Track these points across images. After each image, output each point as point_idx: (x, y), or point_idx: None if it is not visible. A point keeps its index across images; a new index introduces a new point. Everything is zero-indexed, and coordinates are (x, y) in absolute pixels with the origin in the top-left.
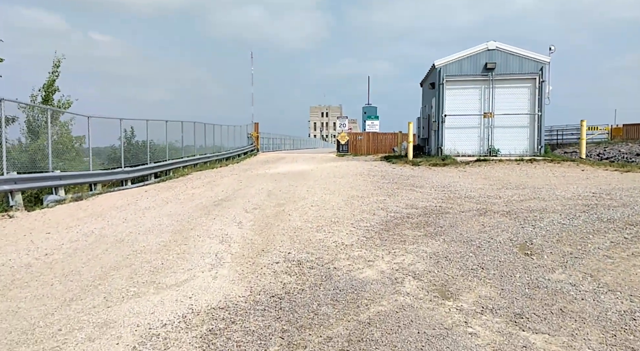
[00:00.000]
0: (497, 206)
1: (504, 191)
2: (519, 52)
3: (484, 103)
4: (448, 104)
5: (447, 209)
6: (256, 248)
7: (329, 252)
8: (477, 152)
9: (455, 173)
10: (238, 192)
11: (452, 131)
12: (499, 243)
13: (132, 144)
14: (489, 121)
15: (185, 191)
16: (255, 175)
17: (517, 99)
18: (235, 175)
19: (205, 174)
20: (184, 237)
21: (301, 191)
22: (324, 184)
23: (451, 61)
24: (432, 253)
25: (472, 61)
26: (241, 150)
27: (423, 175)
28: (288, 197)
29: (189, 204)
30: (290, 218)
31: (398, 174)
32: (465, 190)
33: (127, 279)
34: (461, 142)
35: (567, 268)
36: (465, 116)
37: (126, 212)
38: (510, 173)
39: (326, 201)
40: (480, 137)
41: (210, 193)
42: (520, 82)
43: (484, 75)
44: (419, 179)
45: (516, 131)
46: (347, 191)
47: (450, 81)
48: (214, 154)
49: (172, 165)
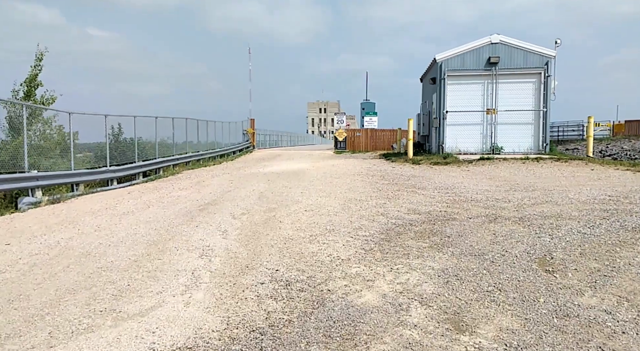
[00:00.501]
0: (508, 211)
1: (512, 194)
2: (524, 46)
3: (486, 99)
4: (449, 100)
5: (453, 214)
6: (240, 263)
7: (323, 269)
8: (480, 150)
9: (458, 173)
10: (227, 194)
11: (453, 128)
12: (514, 257)
13: (120, 141)
14: (492, 117)
15: (171, 192)
16: (248, 174)
17: (521, 94)
18: (227, 174)
19: (197, 173)
20: (159, 250)
21: (295, 193)
22: (319, 185)
23: (453, 55)
24: (441, 270)
25: (474, 55)
26: (236, 147)
27: (424, 175)
28: (281, 200)
29: (172, 208)
30: (281, 225)
31: (398, 174)
32: (471, 192)
33: (83, 307)
34: (463, 140)
35: (597, 289)
36: (468, 113)
37: (102, 218)
38: (517, 173)
39: (321, 205)
40: (482, 134)
41: (197, 195)
42: (524, 77)
43: (487, 70)
44: (420, 179)
45: (520, 128)
46: (344, 193)
47: (452, 75)
48: (207, 152)
49: (162, 163)
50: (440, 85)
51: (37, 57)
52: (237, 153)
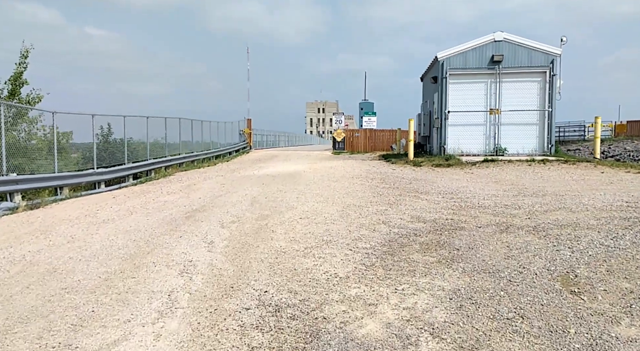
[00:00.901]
0: (520, 219)
1: (522, 199)
2: (528, 44)
3: (490, 98)
4: (451, 100)
5: (461, 223)
6: (224, 282)
7: (318, 290)
8: (483, 152)
9: (461, 176)
10: (218, 199)
11: (455, 129)
12: (534, 275)
13: (110, 142)
14: (495, 117)
15: (158, 197)
16: (242, 177)
17: (525, 94)
18: (220, 176)
19: (189, 175)
20: (135, 265)
21: (290, 198)
22: (316, 189)
23: (455, 53)
24: (452, 291)
25: (477, 53)
26: (232, 147)
27: (427, 178)
28: (274, 206)
29: (156, 215)
30: (273, 235)
31: (399, 176)
32: (477, 197)
33: (33, 342)
34: (465, 141)
35: (634, 316)
36: (470, 113)
37: (78, 226)
38: (523, 176)
39: (318, 211)
40: (485, 135)
41: (185, 201)
42: (529, 75)
43: (491, 68)
44: (422, 183)
45: (524, 128)
46: (343, 198)
47: (454, 74)
48: (201, 153)
49: (153, 165)
50: (442, 84)
51: (22, 55)
52: (233, 154)
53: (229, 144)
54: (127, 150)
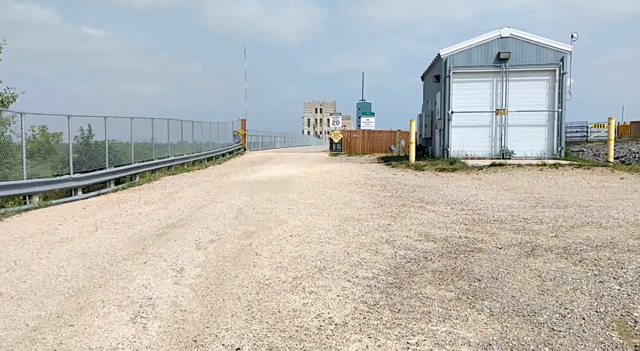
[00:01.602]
0: (545, 238)
1: (541, 211)
2: (537, 40)
3: (496, 98)
4: (455, 100)
5: (477, 242)
6: (187, 333)
7: (307, 345)
8: (489, 154)
9: (469, 182)
10: (199, 211)
11: (459, 130)
12: (581, 319)
13: (90, 145)
14: (501, 118)
15: (133, 208)
16: (231, 183)
17: (534, 93)
18: (208, 182)
19: (176, 180)
20: (78, 306)
21: (281, 210)
22: (310, 198)
23: (459, 50)
24: (482, 347)
25: (482, 50)
26: (226, 149)
27: (431, 184)
28: (262, 220)
29: (124, 232)
30: (257, 260)
31: (401, 182)
32: (491, 209)
33: None
34: (470, 143)
35: None
36: (475, 113)
37: (29, 247)
38: (536, 183)
39: (312, 226)
40: (491, 137)
41: (162, 213)
42: (537, 74)
43: (497, 66)
44: (427, 190)
45: (533, 130)
46: (340, 209)
47: (457, 73)
48: (192, 155)
49: (138, 169)
50: (445, 83)
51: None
52: (226, 156)
53: (223, 145)
54: (108, 153)
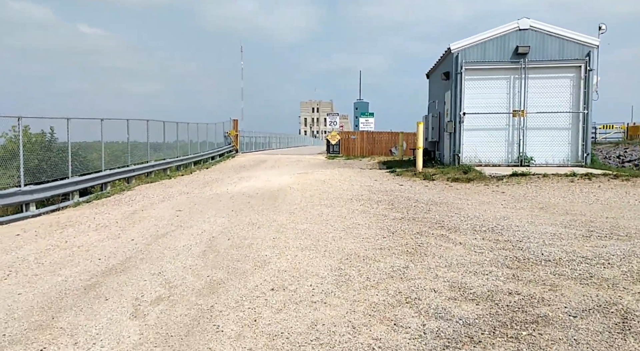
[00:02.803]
0: (630, 295)
1: (600, 244)
2: (560, 33)
3: (513, 98)
4: (468, 99)
5: (537, 302)
6: None
7: None
8: (505, 161)
9: (491, 197)
10: (158, 242)
11: (472, 134)
12: None
13: (52, 150)
14: (519, 120)
15: (77, 236)
16: (210, 197)
17: (556, 92)
18: (185, 194)
19: (150, 191)
20: None
21: (264, 241)
22: (303, 220)
23: (472, 44)
24: None
25: (498, 43)
26: (216, 151)
27: (447, 200)
28: (237, 258)
29: (42, 283)
30: (217, 339)
31: (411, 197)
32: (533, 239)
33: None
34: (484, 148)
35: None
36: (490, 115)
37: None
38: (574, 199)
39: (302, 270)
40: (508, 141)
41: (108, 246)
42: (560, 70)
43: (514, 62)
44: (445, 209)
45: (554, 134)
46: (340, 240)
47: (470, 69)
48: (176, 159)
49: (110, 177)
50: (456, 81)
51: None
52: (216, 159)
53: (212, 147)
54: (73, 160)
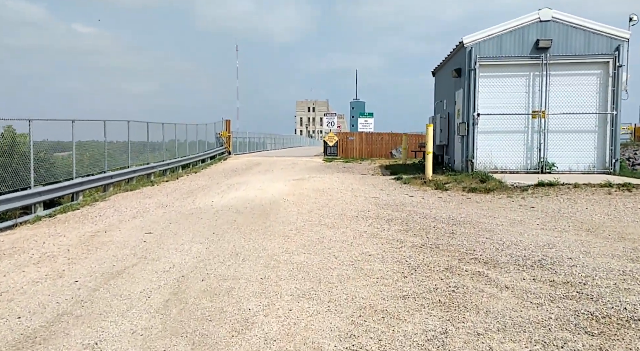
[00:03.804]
0: None
1: None
2: (586, 25)
3: (533, 97)
4: (482, 99)
5: None
6: None
7: None
8: (523, 167)
9: (520, 213)
10: (108, 286)
11: (487, 137)
12: None
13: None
14: (540, 122)
15: (10, 273)
16: (190, 212)
17: (581, 91)
18: (162, 208)
19: (124, 203)
20: None
21: (249, 283)
22: (300, 249)
23: (487, 37)
24: None
25: (516, 36)
26: (206, 154)
27: (470, 218)
28: (209, 316)
29: None
30: None
31: (427, 214)
32: (602, 281)
33: None
34: (500, 153)
35: None
36: (507, 116)
37: None
38: (620, 217)
39: (298, 339)
40: (527, 145)
41: (43, 292)
42: (586, 66)
43: (534, 57)
44: (471, 230)
45: (579, 137)
46: (348, 281)
47: (485, 65)
48: (161, 163)
49: (82, 185)
50: (469, 78)
51: None
52: (207, 161)
53: (203, 149)
54: (35, 167)
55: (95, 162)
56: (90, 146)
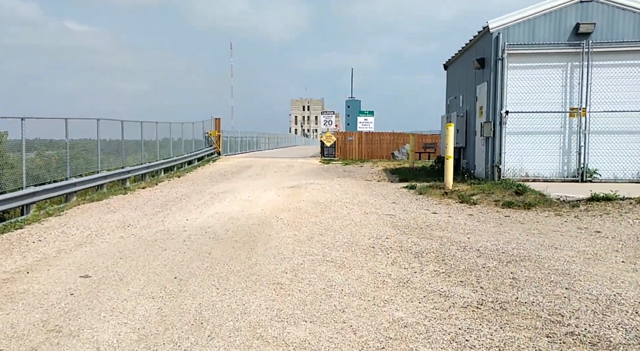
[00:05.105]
0: None
1: None
2: (637, 6)
3: (571, 92)
4: (511, 94)
5: None
6: None
7: None
8: (559, 175)
9: (588, 243)
10: None
11: (517, 139)
12: None
13: None
14: (579, 122)
15: None
16: (154, 238)
17: (630, 85)
18: (120, 230)
19: (79, 221)
20: None
21: None
22: (299, 315)
23: (517, 21)
24: None
25: (552, 20)
26: (193, 155)
27: (526, 250)
28: None
29: None
30: None
31: (467, 244)
32: None
33: None
34: (532, 158)
35: None
36: (540, 114)
37: None
38: None
39: None
40: (563, 149)
41: None
42: (636, 56)
43: (573, 44)
44: (538, 274)
45: (627, 139)
46: None
47: (515, 54)
48: (139, 167)
49: (33, 196)
50: (496, 70)
51: None
52: (193, 163)
53: (190, 150)
54: None
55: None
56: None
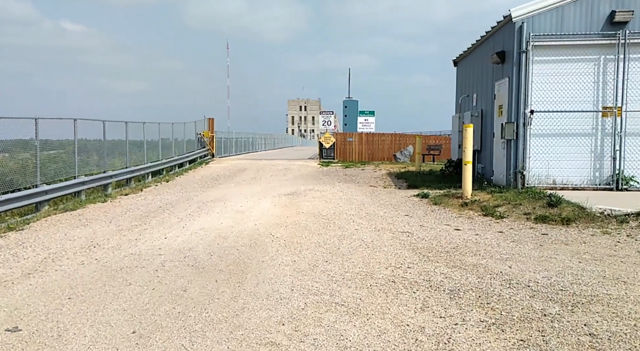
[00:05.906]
0: None
1: None
2: None
3: (604, 89)
4: (536, 91)
5: None
6: None
7: None
8: (590, 182)
9: None
10: None
11: (543, 142)
12: None
13: None
14: (613, 122)
15: None
16: (120, 266)
17: None
18: (85, 252)
19: (41, 238)
20: None
21: None
22: None
23: (543, 9)
24: None
25: (583, 7)
26: (184, 158)
27: (587, 286)
28: None
29: None
30: None
31: (511, 276)
32: None
33: None
34: (559, 163)
35: None
36: (569, 114)
37: None
38: None
39: None
40: (594, 153)
41: None
42: None
43: (607, 35)
44: (610, 322)
45: None
46: None
47: (541, 46)
48: (123, 171)
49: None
50: (519, 64)
51: None
52: (184, 166)
53: (181, 152)
54: None
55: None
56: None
